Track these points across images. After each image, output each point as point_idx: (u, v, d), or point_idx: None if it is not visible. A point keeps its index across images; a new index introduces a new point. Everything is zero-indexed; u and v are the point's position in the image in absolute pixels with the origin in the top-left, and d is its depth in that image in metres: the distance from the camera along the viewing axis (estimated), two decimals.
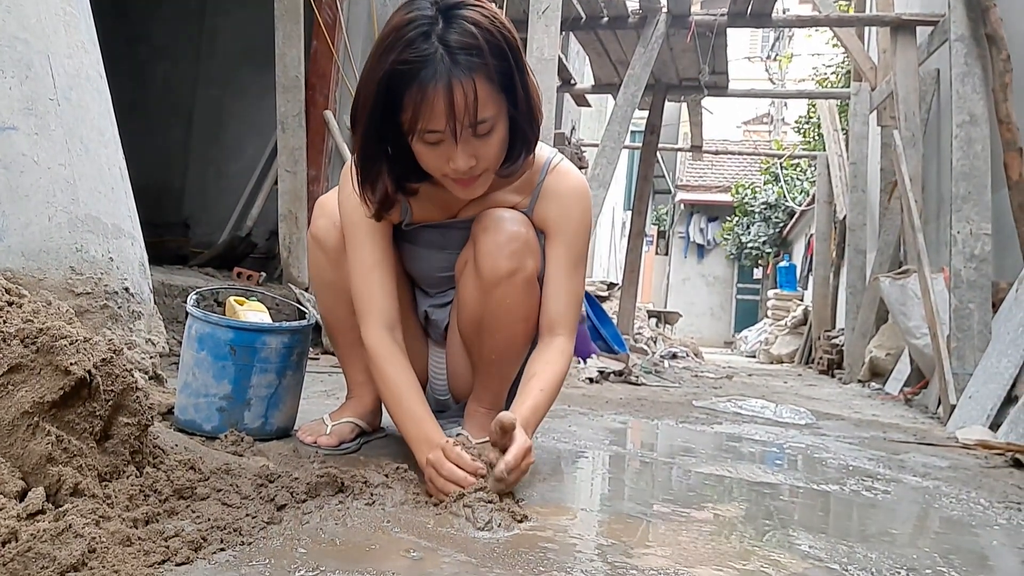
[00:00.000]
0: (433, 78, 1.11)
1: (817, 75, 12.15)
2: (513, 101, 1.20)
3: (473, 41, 1.12)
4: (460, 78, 1.11)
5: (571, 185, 1.39)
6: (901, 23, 4.98)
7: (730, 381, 5.13)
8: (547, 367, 1.33)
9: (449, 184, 1.26)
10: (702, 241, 19.76)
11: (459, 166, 1.18)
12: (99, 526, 0.81)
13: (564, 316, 1.36)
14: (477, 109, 1.14)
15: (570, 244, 1.37)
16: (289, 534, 0.95)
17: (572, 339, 1.38)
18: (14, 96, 1.51)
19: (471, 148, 1.18)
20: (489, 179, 1.27)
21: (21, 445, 0.89)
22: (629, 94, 5.09)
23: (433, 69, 1.11)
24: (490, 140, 1.19)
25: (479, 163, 1.20)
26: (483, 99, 1.14)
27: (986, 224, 3.50)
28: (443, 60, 1.11)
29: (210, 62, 5.16)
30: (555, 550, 0.99)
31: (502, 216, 1.33)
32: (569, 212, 1.37)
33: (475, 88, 1.13)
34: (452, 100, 1.11)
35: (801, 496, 1.50)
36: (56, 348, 0.92)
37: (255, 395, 1.44)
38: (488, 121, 1.17)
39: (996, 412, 2.82)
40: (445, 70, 1.11)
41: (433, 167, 1.23)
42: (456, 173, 1.20)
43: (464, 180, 1.23)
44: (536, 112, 1.26)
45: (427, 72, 1.11)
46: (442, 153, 1.19)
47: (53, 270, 1.52)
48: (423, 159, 1.22)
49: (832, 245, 8.39)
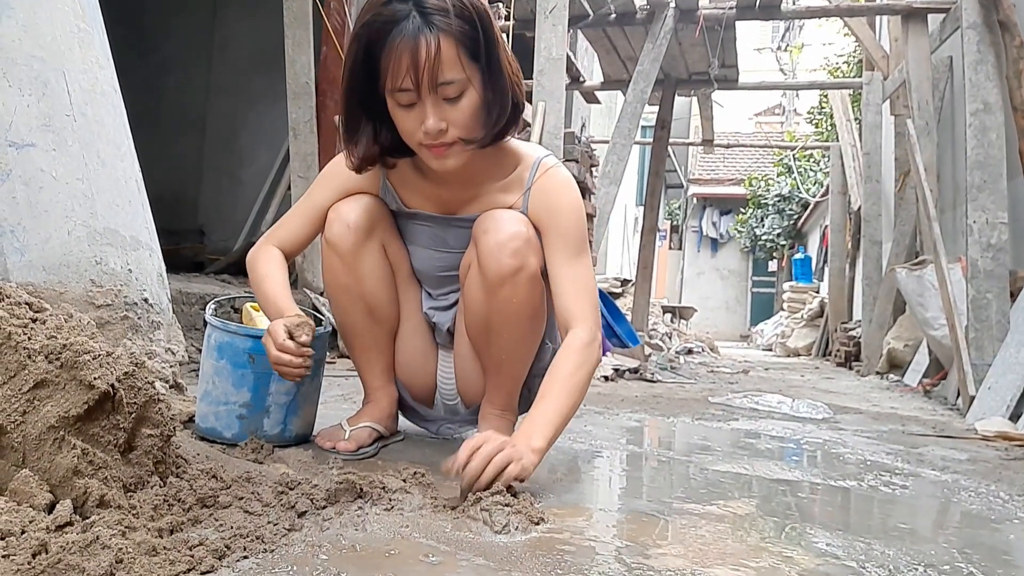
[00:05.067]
0: (401, 34, 1.19)
1: (828, 65, 12.06)
2: (484, 71, 1.25)
3: (443, 4, 1.19)
4: (425, 34, 1.18)
5: (560, 180, 1.41)
6: (912, 11, 4.94)
7: (746, 376, 5.12)
8: (552, 371, 1.31)
9: (425, 155, 1.30)
10: (715, 235, 19.65)
11: (429, 125, 1.23)
12: (125, 536, 0.83)
13: (576, 308, 1.35)
14: (439, 65, 1.19)
15: (565, 235, 1.38)
16: (310, 541, 0.96)
17: (589, 326, 1.34)
18: (32, 113, 1.54)
19: (440, 112, 1.23)
20: (463, 153, 1.30)
21: (48, 459, 0.91)
22: (639, 90, 5.08)
23: (402, 27, 1.19)
24: (459, 106, 1.24)
25: (450, 128, 1.25)
26: (448, 59, 1.20)
27: (1002, 213, 3.46)
28: (413, 19, 1.19)
29: (221, 71, 5.21)
30: (572, 552, 1.00)
31: (501, 216, 1.36)
32: (557, 204, 1.39)
33: (439, 44, 1.19)
34: (416, 54, 1.18)
35: (819, 493, 1.50)
36: (80, 363, 0.94)
37: (274, 402, 1.46)
38: (455, 84, 1.22)
39: (1016, 403, 2.80)
40: (414, 28, 1.18)
41: (407, 132, 1.28)
42: (428, 137, 1.25)
43: (437, 148, 1.27)
44: (513, 88, 1.30)
45: (397, 29, 1.19)
46: (416, 116, 1.24)
47: (74, 283, 1.54)
48: (399, 124, 1.28)
49: (847, 236, 8.32)
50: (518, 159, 1.42)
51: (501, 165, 1.41)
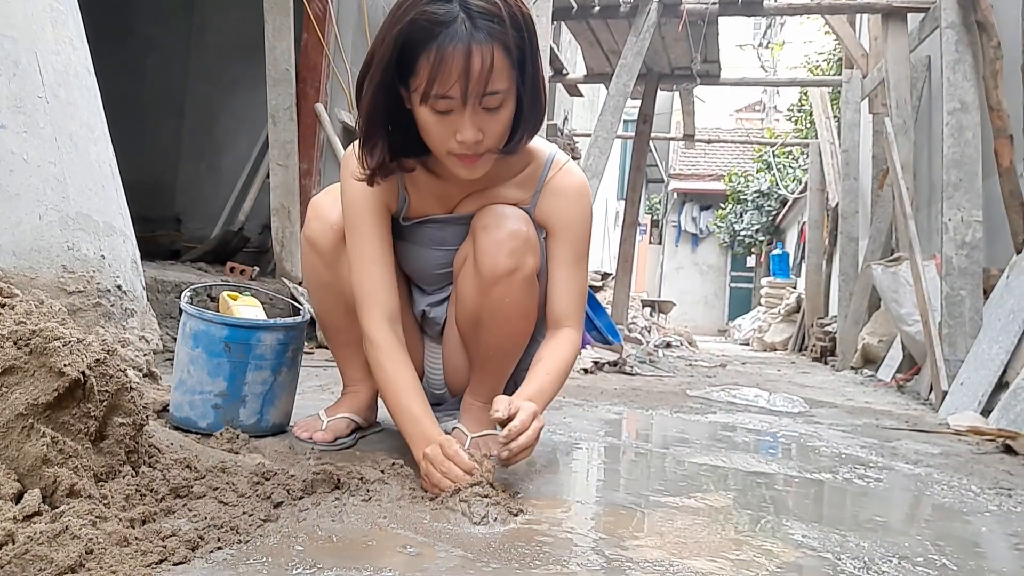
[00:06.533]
0: (453, 39, 1.08)
1: (809, 63, 12.15)
2: (523, 80, 1.18)
3: (494, 9, 1.11)
4: (480, 43, 1.09)
5: (575, 184, 1.39)
6: (892, 10, 4.98)
7: (724, 369, 5.15)
8: (553, 353, 1.34)
9: (451, 162, 1.22)
10: (695, 230, 19.78)
11: (467, 137, 1.15)
12: (96, 527, 0.82)
13: (570, 311, 1.37)
14: (491, 77, 1.11)
15: (574, 242, 1.37)
16: (286, 532, 0.95)
17: (579, 331, 1.40)
18: (1, 94, 1.50)
19: (479, 121, 1.15)
20: (490, 161, 1.24)
21: (16, 447, 0.89)
22: (621, 84, 5.08)
23: (453, 30, 1.08)
24: (498, 116, 1.17)
25: (485, 139, 1.18)
26: (498, 69, 1.11)
27: (977, 211, 3.51)
28: (464, 23, 1.09)
29: (200, 55, 5.12)
30: (551, 543, 1.00)
31: (502, 213, 1.32)
32: (573, 211, 1.37)
33: (493, 55, 1.10)
34: (469, 64, 1.09)
35: (794, 485, 1.51)
36: (50, 349, 0.92)
37: (250, 392, 1.44)
38: (499, 94, 1.14)
39: (987, 398, 2.85)
40: (466, 33, 1.08)
41: (437, 140, 1.19)
42: (462, 147, 1.17)
43: (467, 157, 1.20)
44: (542, 97, 1.24)
45: (447, 33, 1.08)
46: (449, 124, 1.15)
47: (45, 269, 1.51)
48: (428, 130, 1.18)
49: (824, 233, 8.42)
50: (530, 156, 1.37)
51: (512, 162, 1.35)
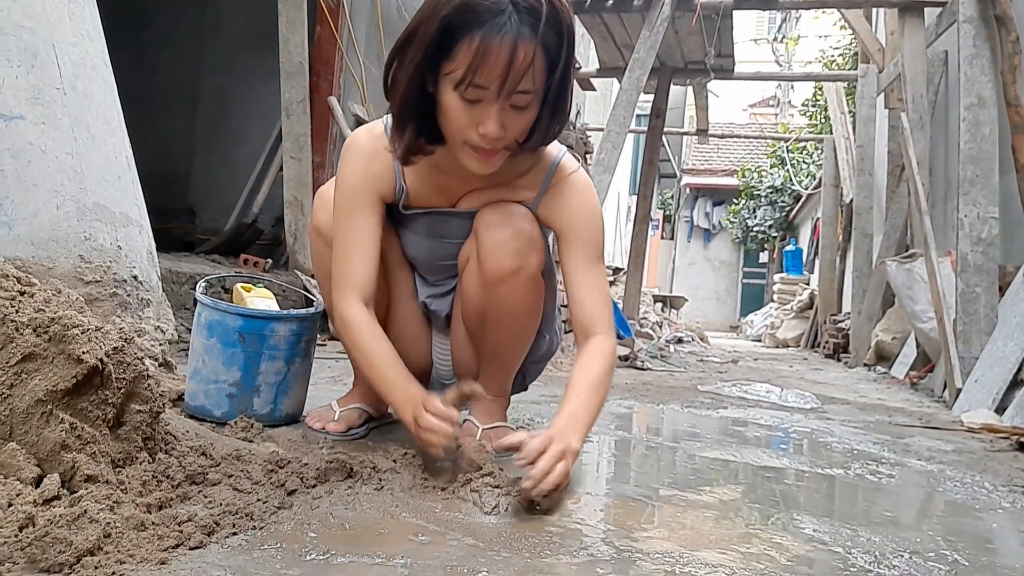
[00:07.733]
0: (500, 31, 1.08)
1: (824, 57, 12.05)
2: (551, 84, 1.17)
3: (539, 7, 1.10)
4: (525, 39, 1.09)
5: (581, 186, 1.36)
6: (909, 4, 4.93)
7: (735, 365, 5.14)
8: (584, 372, 1.28)
9: (465, 153, 1.21)
10: (707, 225, 19.68)
11: (490, 131, 1.14)
12: (113, 511, 0.83)
13: (596, 315, 1.33)
14: (531, 75, 1.11)
15: (586, 242, 1.35)
16: (300, 519, 0.96)
17: (610, 335, 1.34)
18: (20, 85, 1.52)
19: (504, 116, 1.15)
20: (503, 158, 1.24)
21: (36, 432, 0.90)
22: (634, 78, 5.06)
23: (501, 22, 1.08)
24: (523, 115, 1.17)
25: (506, 135, 1.17)
26: (537, 68, 1.12)
27: (993, 207, 3.48)
28: (512, 16, 1.09)
29: (214, 48, 5.16)
30: (560, 533, 1.00)
31: (506, 211, 1.32)
32: (579, 212, 1.35)
33: (534, 54, 1.10)
34: (512, 58, 1.09)
35: (806, 480, 1.51)
36: (68, 337, 0.93)
37: (264, 382, 1.45)
38: (530, 94, 1.14)
39: (1002, 396, 2.83)
40: (513, 26, 1.09)
41: (457, 128, 1.18)
42: (482, 140, 1.17)
43: (484, 151, 1.19)
44: (565, 107, 1.23)
45: (494, 23, 1.08)
46: (475, 114, 1.15)
47: (62, 259, 1.53)
48: (451, 117, 1.17)
49: (838, 229, 8.36)
50: (536, 156, 1.35)
51: (519, 160, 1.34)
